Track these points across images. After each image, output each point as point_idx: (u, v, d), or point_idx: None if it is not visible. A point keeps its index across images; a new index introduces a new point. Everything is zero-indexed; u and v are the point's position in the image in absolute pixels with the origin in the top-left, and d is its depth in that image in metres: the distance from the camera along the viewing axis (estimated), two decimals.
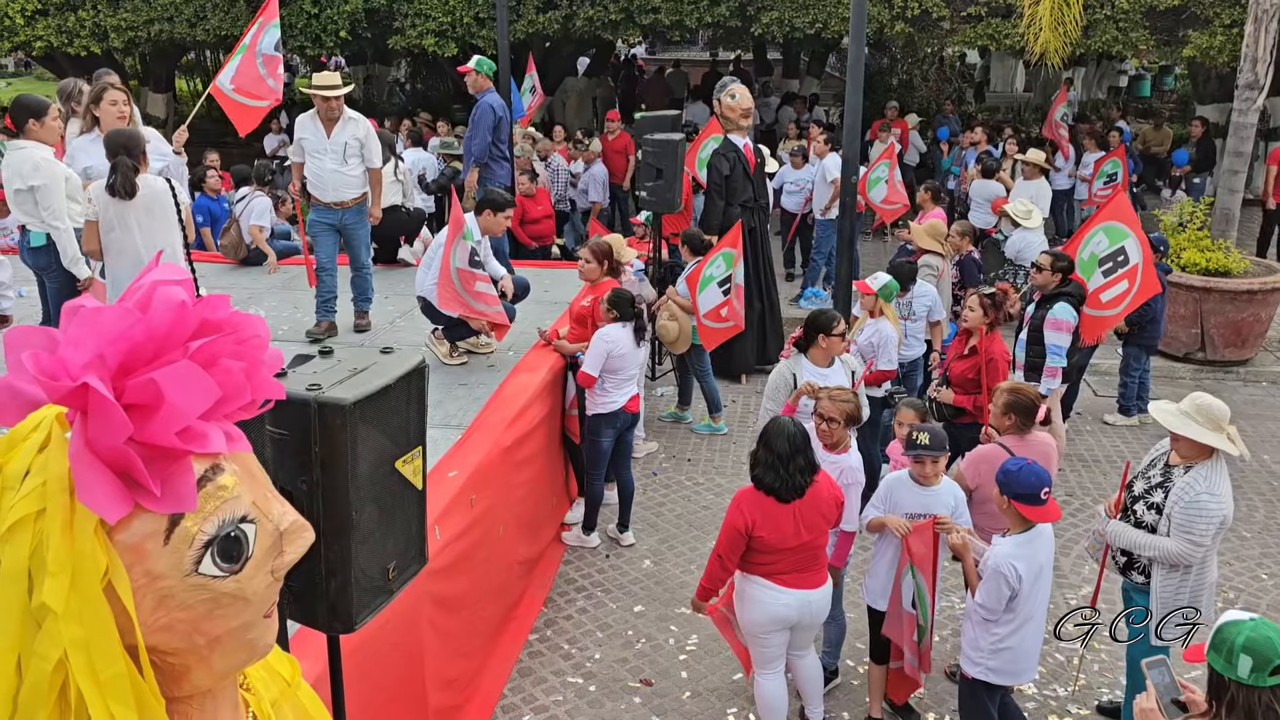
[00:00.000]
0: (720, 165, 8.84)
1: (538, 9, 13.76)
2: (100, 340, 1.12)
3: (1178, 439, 4.21)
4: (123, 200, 5.02)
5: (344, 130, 6.64)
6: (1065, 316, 6.50)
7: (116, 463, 1.11)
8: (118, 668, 1.13)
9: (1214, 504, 4.10)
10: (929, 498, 4.57)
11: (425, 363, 2.56)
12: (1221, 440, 4.12)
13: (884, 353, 6.42)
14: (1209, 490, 4.11)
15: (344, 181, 6.68)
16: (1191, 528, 4.11)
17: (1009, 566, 4.02)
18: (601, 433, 6.07)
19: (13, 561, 1.11)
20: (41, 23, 14.14)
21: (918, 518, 4.52)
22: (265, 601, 1.28)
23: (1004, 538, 4.16)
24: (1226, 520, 4.18)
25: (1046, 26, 11.19)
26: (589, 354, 5.96)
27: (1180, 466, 4.23)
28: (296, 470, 2.25)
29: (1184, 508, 4.12)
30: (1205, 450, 4.16)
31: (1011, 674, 4.22)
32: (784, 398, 5.49)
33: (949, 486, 4.66)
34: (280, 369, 1.34)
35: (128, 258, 5.07)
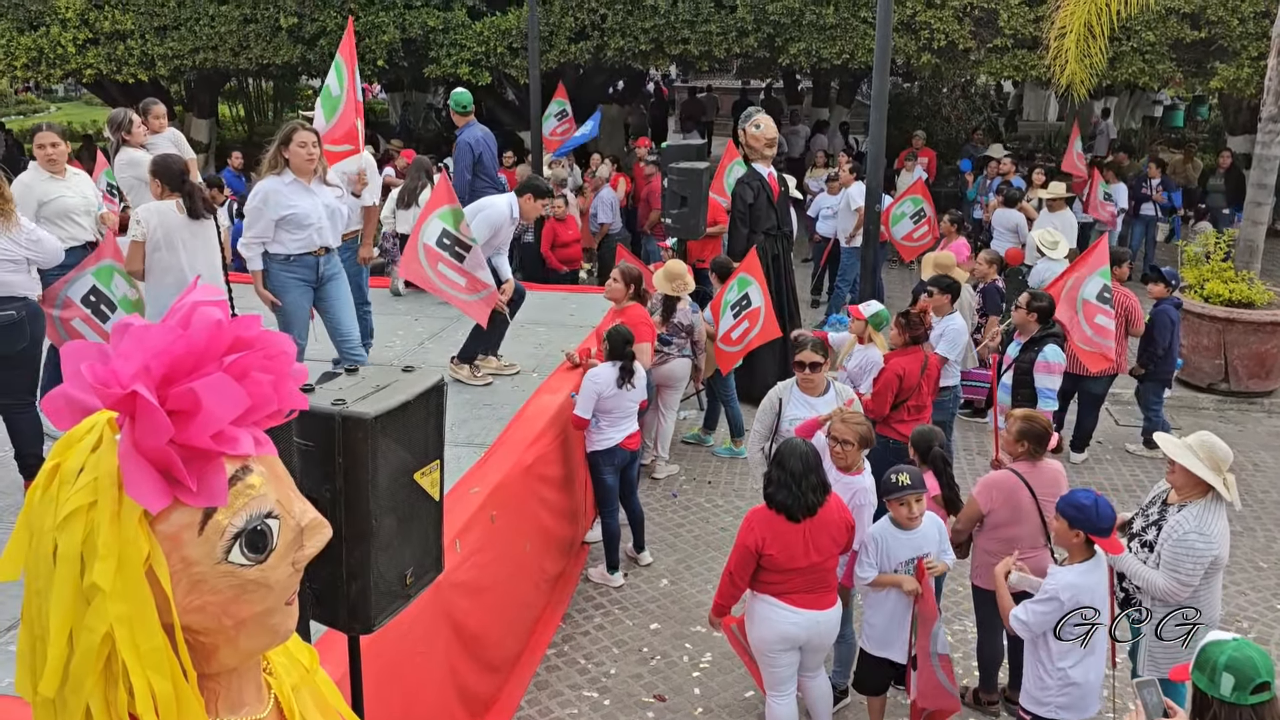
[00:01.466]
0: (744, 194, 9.01)
1: (569, 39, 14.05)
2: (147, 354, 1.29)
3: (1174, 470, 4.24)
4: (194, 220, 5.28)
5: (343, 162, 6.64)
6: (1055, 359, 6.48)
7: (159, 461, 1.27)
8: (156, 642, 1.29)
9: (1202, 544, 4.10)
10: (917, 539, 4.60)
11: (444, 381, 2.72)
12: (1218, 481, 4.13)
13: (869, 380, 6.46)
14: (1198, 530, 4.11)
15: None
16: (1178, 565, 4.12)
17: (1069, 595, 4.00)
18: (602, 470, 6.12)
19: (68, 546, 1.26)
20: (92, 51, 14.63)
21: (912, 562, 4.57)
22: (287, 589, 1.43)
23: (1062, 566, 4.18)
24: (1218, 561, 4.16)
25: (1072, 59, 11.28)
26: (580, 395, 5.94)
27: (1176, 505, 4.25)
28: (321, 479, 2.42)
29: (1172, 545, 4.14)
30: (1200, 488, 4.18)
31: (1080, 709, 4.18)
32: (769, 420, 5.61)
33: (930, 520, 4.68)
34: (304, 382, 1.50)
35: (172, 276, 5.26)
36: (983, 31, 13.29)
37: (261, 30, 14.39)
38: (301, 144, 5.41)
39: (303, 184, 5.52)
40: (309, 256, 5.62)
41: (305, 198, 5.51)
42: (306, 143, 5.43)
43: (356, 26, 14.08)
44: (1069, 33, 10.96)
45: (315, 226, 5.56)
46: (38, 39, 14.60)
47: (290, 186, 5.49)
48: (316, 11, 14.18)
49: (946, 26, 13.08)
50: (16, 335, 4.79)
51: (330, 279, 5.78)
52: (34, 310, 4.90)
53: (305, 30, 14.32)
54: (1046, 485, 5.00)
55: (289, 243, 5.54)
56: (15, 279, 4.80)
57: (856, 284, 10.68)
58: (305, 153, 5.43)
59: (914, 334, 6.25)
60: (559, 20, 13.83)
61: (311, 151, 5.45)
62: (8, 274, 4.78)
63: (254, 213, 5.47)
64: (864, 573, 4.63)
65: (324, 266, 5.72)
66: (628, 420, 6.13)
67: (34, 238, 4.86)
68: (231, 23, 14.32)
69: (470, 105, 8.77)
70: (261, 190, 5.49)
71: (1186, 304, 9.39)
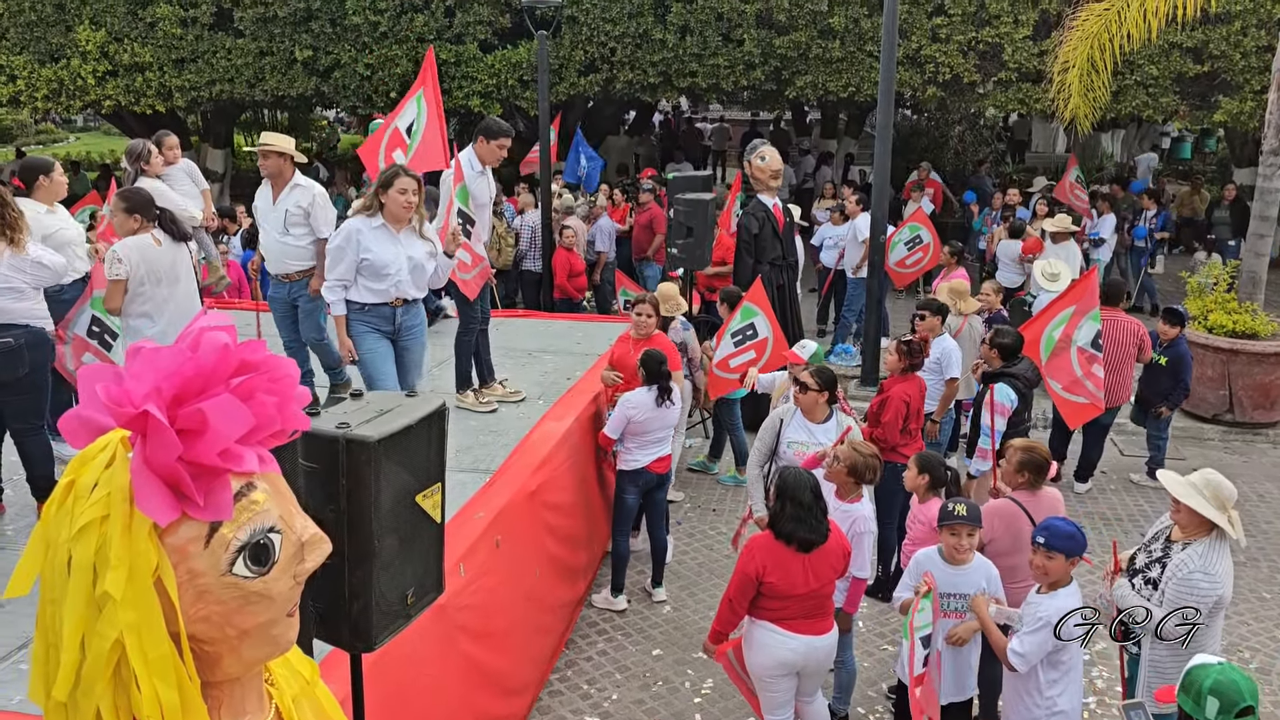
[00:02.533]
0: (750, 224, 9.11)
1: (579, 72, 14.25)
2: (158, 375, 1.37)
3: (1179, 509, 4.21)
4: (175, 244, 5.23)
5: (288, 197, 6.09)
6: (1003, 400, 6.38)
7: (169, 477, 1.35)
8: (163, 650, 1.36)
9: (1207, 583, 4.07)
10: (959, 577, 4.55)
11: (446, 405, 2.80)
12: (1223, 520, 4.12)
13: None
14: (1203, 569, 4.08)
15: (286, 252, 6.11)
16: (1182, 604, 4.08)
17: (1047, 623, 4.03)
18: (625, 489, 6.22)
19: (82, 556, 1.34)
20: (111, 83, 14.91)
21: (947, 598, 4.52)
22: (288, 601, 1.50)
23: (1040, 595, 4.19)
24: (1222, 600, 4.14)
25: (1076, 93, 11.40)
26: (612, 416, 6.11)
27: (1180, 542, 4.23)
28: (325, 500, 2.49)
29: (1176, 584, 4.11)
30: (1205, 526, 4.16)
31: None
32: (769, 440, 5.69)
33: (980, 566, 4.60)
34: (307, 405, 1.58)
35: (150, 305, 5.25)
36: (987, 65, 13.44)
37: (277, 63, 14.65)
38: (402, 190, 5.13)
39: (390, 231, 5.21)
40: (385, 306, 5.31)
41: (388, 246, 5.21)
42: (407, 189, 5.15)
43: (369, 59, 14.34)
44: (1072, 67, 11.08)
45: (394, 279, 5.24)
46: (58, 71, 14.90)
47: (376, 231, 5.19)
48: (331, 44, 14.43)
49: (951, 60, 13.24)
50: (14, 362, 4.81)
51: (407, 331, 5.45)
52: (36, 338, 4.91)
53: (320, 63, 14.57)
54: (1046, 514, 5.03)
55: (364, 291, 5.25)
56: (16, 306, 4.83)
57: (862, 314, 10.78)
58: (404, 200, 5.15)
59: (913, 361, 6.32)
60: (569, 53, 14.04)
61: (411, 199, 5.17)
62: (8, 301, 4.81)
63: (336, 252, 5.21)
64: (900, 593, 4.68)
65: (401, 317, 5.40)
66: (658, 445, 6.23)
67: (38, 261, 4.89)
68: (248, 55, 14.59)
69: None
70: (345, 230, 5.22)
71: (1190, 335, 9.43)
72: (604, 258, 12.24)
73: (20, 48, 14.94)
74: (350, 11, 14.03)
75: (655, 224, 12.04)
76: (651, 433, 6.16)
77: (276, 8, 14.20)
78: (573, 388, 7.05)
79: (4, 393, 4.89)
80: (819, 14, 13.31)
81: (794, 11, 13.32)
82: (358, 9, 14.01)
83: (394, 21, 14.17)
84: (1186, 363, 8.01)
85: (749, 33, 13.57)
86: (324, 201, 6.14)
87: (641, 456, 6.18)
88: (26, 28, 14.80)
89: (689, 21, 13.62)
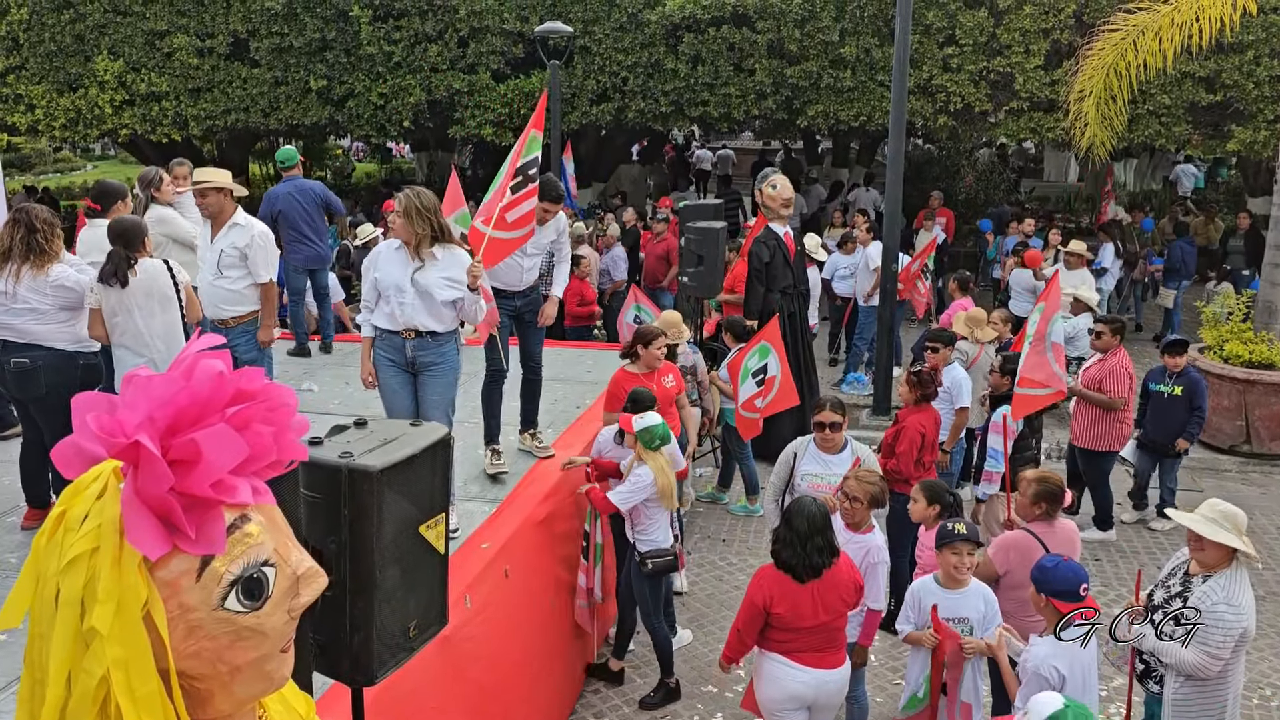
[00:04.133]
0: (761, 253, 9.09)
1: (591, 101, 14.33)
2: (151, 404, 1.34)
3: (1201, 547, 4.13)
4: (119, 288, 5.05)
5: (225, 236, 5.81)
6: (1009, 422, 6.37)
7: (160, 509, 1.32)
8: (151, 686, 1.32)
9: (1231, 615, 4.00)
10: (957, 601, 4.50)
11: (450, 435, 2.77)
12: (1244, 544, 4.07)
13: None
14: (1227, 601, 4.02)
15: (218, 295, 5.81)
16: (1208, 639, 4.02)
17: (1049, 669, 3.92)
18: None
19: (70, 590, 1.31)
20: (128, 112, 15.07)
21: (948, 623, 4.47)
22: (282, 637, 1.46)
23: (1042, 638, 4.08)
24: (1248, 633, 4.06)
25: (1093, 121, 11.38)
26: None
27: (1199, 576, 4.17)
28: (326, 530, 2.45)
29: (1201, 618, 4.04)
30: (1225, 559, 4.10)
31: None
32: (784, 474, 5.64)
33: (977, 589, 4.56)
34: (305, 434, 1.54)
35: (129, 337, 5.18)
36: (999, 94, 13.45)
37: (291, 92, 14.78)
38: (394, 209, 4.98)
39: (407, 254, 4.90)
40: (396, 336, 5.00)
41: (396, 268, 4.91)
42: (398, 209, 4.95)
43: (383, 88, 14.45)
44: (1088, 96, 11.08)
45: (397, 302, 4.91)
46: (76, 100, 15.07)
47: (395, 253, 4.94)
48: (345, 74, 14.56)
49: (963, 89, 13.25)
50: (29, 383, 4.90)
51: (424, 368, 5.07)
52: (56, 359, 4.97)
53: (334, 92, 14.70)
54: (1062, 545, 4.97)
55: (380, 315, 5.03)
56: (37, 328, 4.91)
57: (873, 342, 10.74)
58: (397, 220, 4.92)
59: (925, 391, 6.27)
60: (581, 83, 14.13)
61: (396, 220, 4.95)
62: (29, 323, 4.90)
63: (365, 274, 5.12)
64: (902, 626, 4.65)
65: (414, 351, 4.99)
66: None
67: (59, 284, 4.96)
68: (263, 85, 14.73)
69: (289, 161, 8.77)
70: (373, 251, 5.14)
71: (1206, 365, 9.34)
72: (618, 284, 12.24)
73: (39, 77, 15.13)
74: (365, 42, 14.16)
75: (670, 254, 12.05)
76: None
77: (292, 38, 14.35)
78: (582, 415, 7.03)
79: (34, 409, 5.00)
80: (830, 44, 13.36)
81: (805, 41, 13.38)
82: (372, 39, 14.14)
83: (408, 51, 14.29)
84: (1201, 388, 7.79)
85: (760, 62, 13.63)
86: (263, 242, 5.81)
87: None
88: (46, 58, 15.00)
89: (701, 51, 13.69)
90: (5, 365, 4.94)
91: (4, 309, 4.90)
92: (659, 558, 5.44)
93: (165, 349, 5.16)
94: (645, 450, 5.31)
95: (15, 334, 4.92)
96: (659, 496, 5.37)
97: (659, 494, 5.36)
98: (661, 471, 5.32)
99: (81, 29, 14.81)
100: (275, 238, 6.25)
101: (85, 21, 14.75)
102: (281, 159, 8.91)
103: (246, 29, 14.47)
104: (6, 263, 4.89)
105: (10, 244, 4.89)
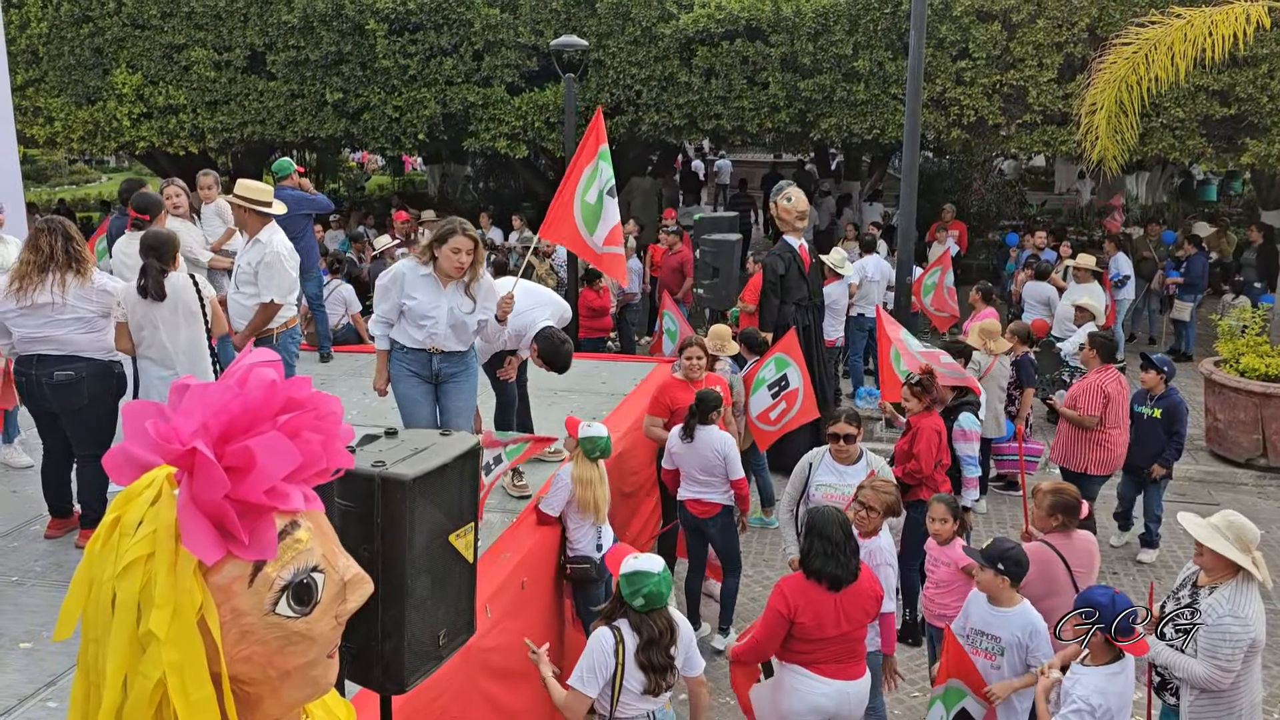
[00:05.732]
0: (776, 265, 9.12)
1: (605, 113, 14.38)
2: (206, 412, 1.37)
3: (1202, 552, 4.14)
4: (153, 302, 5.12)
5: (247, 252, 6.04)
6: (970, 426, 6.61)
7: (214, 515, 1.34)
8: (205, 691, 1.34)
9: (1238, 627, 3.99)
10: (998, 619, 4.44)
11: (480, 445, 2.79)
12: (1247, 561, 4.05)
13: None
14: (1233, 613, 4.01)
15: (235, 309, 6.05)
16: (1216, 651, 4.01)
17: (1099, 699, 3.79)
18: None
19: (126, 594, 1.33)
20: (145, 124, 15.20)
21: (979, 636, 4.46)
22: (329, 642, 1.48)
23: (1087, 667, 3.93)
24: (1257, 643, 4.05)
25: (1104, 135, 11.39)
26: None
27: (1207, 587, 4.16)
28: (360, 539, 2.48)
29: (1208, 630, 4.03)
30: (1231, 569, 4.09)
31: None
32: (799, 484, 5.69)
33: (1025, 617, 4.43)
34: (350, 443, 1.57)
35: (155, 350, 5.22)
36: (1012, 108, 13.46)
37: (307, 105, 14.89)
38: (455, 249, 4.93)
39: (437, 281, 5.06)
40: (422, 352, 5.17)
41: (432, 296, 5.06)
42: (461, 249, 4.94)
43: (398, 101, 14.55)
44: (1100, 109, 11.09)
45: (431, 330, 5.09)
46: (94, 113, 15.21)
47: (423, 279, 5.05)
48: (361, 87, 14.66)
49: (976, 103, 13.27)
50: (73, 395, 4.92)
51: (449, 378, 5.27)
52: (98, 369, 4.99)
53: (349, 105, 14.79)
54: (1080, 557, 4.97)
55: (404, 334, 5.16)
56: (81, 339, 4.92)
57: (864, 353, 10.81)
58: (456, 260, 4.97)
59: (932, 396, 6.32)
60: (595, 95, 14.19)
61: (464, 260, 4.98)
62: (75, 333, 4.91)
63: (383, 290, 5.13)
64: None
65: (439, 363, 5.20)
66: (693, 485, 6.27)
67: (103, 289, 5.01)
68: (279, 98, 14.84)
69: (280, 171, 8.89)
70: (395, 270, 5.15)
71: (1221, 378, 9.32)
72: (632, 299, 12.28)
73: (58, 90, 15.28)
74: (380, 55, 14.26)
75: (685, 267, 12.09)
76: (687, 472, 6.20)
77: (308, 51, 14.45)
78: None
79: (66, 420, 5.01)
80: (843, 57, 13.40)
81: (819, 55, 13.42)
82: (387, 53, 14.24)
83: (423, 65, 14.38)
84: (1181, 412, 7.36)
85: (774, 75, 13.68)
86: (273, 261, 5.89)
87: (682, 491, 6.32)
88: (65, 71, 15.15)
89: (714, 64, 13.75)
90: (45, 379, 4.89)
91: (48, 320, 4.85)
92: (578, 564, 5.38)
93: (189, 362, 5.20)
94: (582, 457, 5.21)
95: (56, 346, 4.88)
96: (578, 507, 5.21)
97: (578, 504, 5.20)
98: (586, 483, 5.16)
99: (100, 42, 14.96)
100: None
101: (104, 35, 14.89)
102: (275, 169, 8.96)
103: (263, 42, 14.59)
104: (46, 273, 4.84)
105: (51, 253, 4.85)
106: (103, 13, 14.77)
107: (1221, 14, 9.16)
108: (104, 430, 5.02)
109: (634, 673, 3.85)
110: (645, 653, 3.85)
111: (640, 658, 3.85)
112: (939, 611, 5.24)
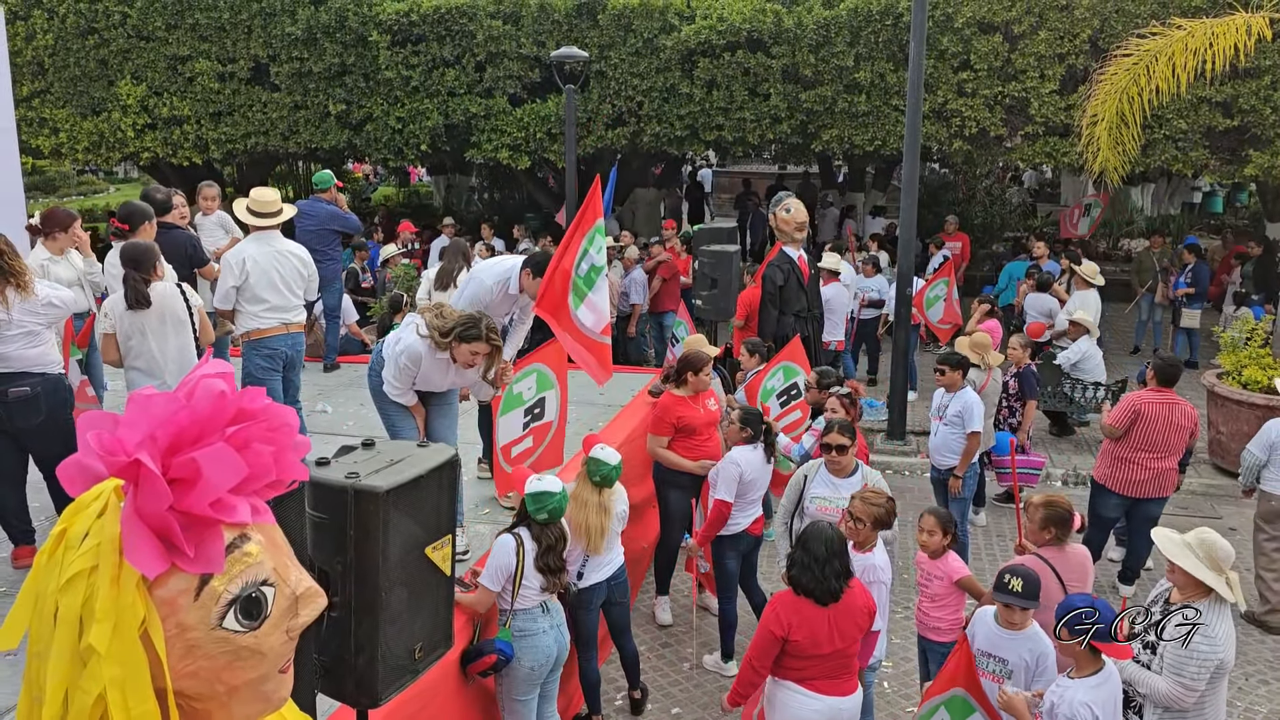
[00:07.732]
0: (775, 276, 9.09)
1: (607, 125, 14.40)
2: (152, 423, 1.34)
3: (1173, 570, 4.10)
4: (139, 311, 5.14)
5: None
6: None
7: (159, 527, 1.32)
8: (148, 706, 1.32)
9: (1205, 646, 3.94)
10: (1007, 642, 4.39)
11: (457, 456, 2.77)
12: (1219, 583, 3.99)
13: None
14: (1202, 632, 3.96)
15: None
16: (1182, 669, 3.96)
17: (1086, 710, 3.74)
18: (725, 555, 6.07)
19: (68, 609, 1.31)
20: (150, 135, 15.26)
21: (986, 658, 4.42)
22: (280, 657, 1.46)
23: (1072, 679, 3.87)
24: (1225, 664, 3.99)
25: (1105, 146, 11.36)
26: (721, 477, 5.85)
27: (1178, 605, 4.11)
28: (332, 551, 2.45)
29: (1174, 648, 3.98)
30: (1203, 588, 4.04)
31: None
32: (794, 496, 5.63)
33: (1034, 640, 4.36)
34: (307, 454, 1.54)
35: (143, 360, 5.23)
36: (1014, 119, 13.44)
37: (311, 116, 14.93)
38: (474, 352, 4.90)
39: (449, 361, 5.02)
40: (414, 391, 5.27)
41: (440, 371, 5.07)
42: (479, 353, 4.91)
43: (401, 112, 14.58)
44: (1101, 121, 11.06)
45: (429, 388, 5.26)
46: (99, 124, 15.29)
47: (437, 362, 5.02)
48: (364, 98, 14.70)
49: (977, 114, 13.26)
50: (31, 410, 4.85)
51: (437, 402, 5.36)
52: (51, 383, 4.94)
53: (353, 116, 14.84)
54: (1074, 571, 4.92)
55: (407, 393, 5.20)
56: (31, 352, 4.85)
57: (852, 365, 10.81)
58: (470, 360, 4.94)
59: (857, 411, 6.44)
60: (597, 107, 14.21)
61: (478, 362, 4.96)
62: (24, 348, 4.83)
63: (403, 372, 5.01)
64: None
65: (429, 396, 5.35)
66: (755, 504, 6.11)
67: (47, 301, 4.92)
68: (282, 109, 14.89)
69: (320, 185, 8.96)
70: (412, 352, 4.96)
71: (1224, 390, 9.26)
72: (638, 310, 12.27)
73: (64, 101, 15.36)
74: (383, 66, 14.30)
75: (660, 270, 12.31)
76: (752, 492, 6.01)
77: (312, 63, 14.51)
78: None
79: (26, 438, 4.95)
80: (845, 69, 13.40)
81: (820, 66, 13.42)
82: (390, 64, 14.28)
83: (425, 76, 14.42)
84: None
85: (775, 87, 13.68)
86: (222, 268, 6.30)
87: (742, 519, 6.03)
88: (70, 82, 15.23)
89: (716, 76, 13.76)
90: (3, 398, 4.83)
91: None
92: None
93: (178, 371, 5.19)
94: (584, 478, 5.14)
95: (6, 364, 4.81)
96: (570, 528, 4.95)
97: (570, 525, 4.95)
98: (581, 504, 5.06)
99: (105, 54, 15.04)
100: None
101: (109, 47, 14.98)
102: (315, 181, 9.03)
103: (267, 54, 14.65)
104: None
105: None
106: (108, 25, 14.86)
107: (1222, 25, 9.14)
108: (70, 442, 4.99)
109: (532, 575, 4.47)
110: (544, 558, 4.50)
111: (539, 562, 4.49)
112: (933, 625, 5.20)
